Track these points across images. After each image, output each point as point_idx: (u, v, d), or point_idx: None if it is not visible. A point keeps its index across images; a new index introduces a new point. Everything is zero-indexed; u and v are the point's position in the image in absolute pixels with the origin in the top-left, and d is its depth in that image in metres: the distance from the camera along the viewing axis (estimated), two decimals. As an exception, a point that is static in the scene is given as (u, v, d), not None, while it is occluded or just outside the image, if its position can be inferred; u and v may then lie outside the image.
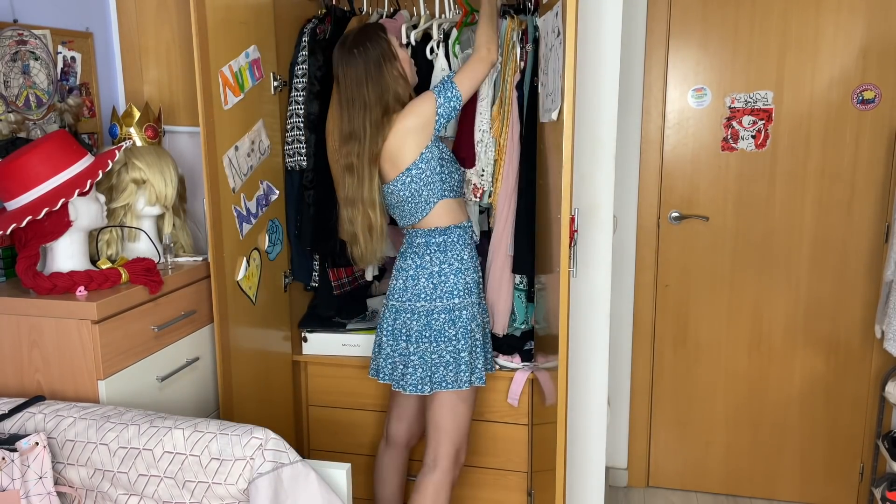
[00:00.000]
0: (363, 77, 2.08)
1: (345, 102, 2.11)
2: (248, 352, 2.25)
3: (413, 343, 2.14)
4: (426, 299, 2.14)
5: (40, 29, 2.10)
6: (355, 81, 2.08)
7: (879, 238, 2.77)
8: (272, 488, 1.48)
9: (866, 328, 2.83)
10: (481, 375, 2.17)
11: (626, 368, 3.07)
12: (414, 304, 2.15)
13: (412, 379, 2.13)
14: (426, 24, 2.40)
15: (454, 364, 2.12)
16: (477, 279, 2.22)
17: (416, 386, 2.13)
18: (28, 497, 1.50)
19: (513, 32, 2.26)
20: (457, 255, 2.16)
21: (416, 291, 2.15)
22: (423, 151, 2.08)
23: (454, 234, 2.16)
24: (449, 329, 2.13)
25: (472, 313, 2.16)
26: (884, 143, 2.71)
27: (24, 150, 1.81)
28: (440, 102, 2.08)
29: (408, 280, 2.16)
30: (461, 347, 2.13)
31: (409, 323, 2.16)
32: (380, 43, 2.10)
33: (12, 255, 1.97)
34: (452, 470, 2.18)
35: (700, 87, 2.85)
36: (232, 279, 2.13)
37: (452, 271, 2.15)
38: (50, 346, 1.81)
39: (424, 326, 2.14)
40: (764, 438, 3.00)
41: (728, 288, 2.94)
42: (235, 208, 2.13)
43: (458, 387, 2.12)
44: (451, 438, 2.16)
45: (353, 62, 2.09)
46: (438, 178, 2.11)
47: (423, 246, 2.16)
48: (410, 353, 2.15)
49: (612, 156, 2.29)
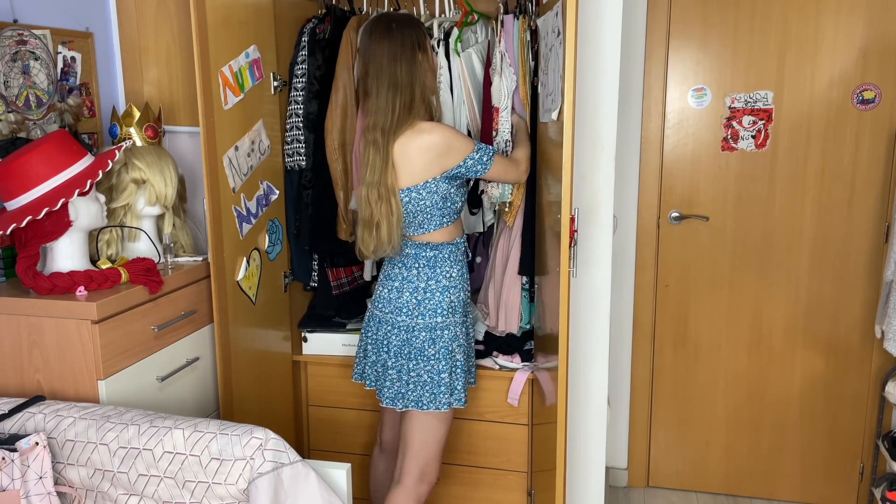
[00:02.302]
0: (398, 55, 1.96)
1: (372, 78, 1.97)
2: (248, 352, 2.25)
3: (392, 357, 2.09)
4: (408, 314, 2.07)
5: (40, 29, 2.10)
6: (389, 57, 1.96)
7: (879, 238, 2.77)
8: (272, 488, 1.48)
9: (866, 328, 2.82)
10: (461, 397, 2.10)
11: (626, 368, 3.07)
12: (395, 317, 2.09)
13: (388, 392, 2.10)
14: (426, 23, 2.39)
15: (431, 384, 2.06)
16: (464, 297, 2.15)
17: (392, 400, 2.09)
18: (28, 497, 1.50)
19: (525, 33, 2.25)
20: (445, 272, 2.08)
21: (399, 305, 2.08)
22: (427, 180, 1.98)
23: (445, 250, 2.09)
24: (429, 348, 2.06)
25: (454, 333, 2.09)
26: (884, 143, 2.71)
27: (24, 150, 1.81)
28: (473, 156, 1.99)
29: (392, 291, 2.10)
30: (441, 368, 2.06)
31: (389, 336, 2.11)
32: (420, 30, 2.03)
33: (12, 255, 1.97)
34: (417, 487, 2.10)
35: (700, 87, 2.85)
36: (232, 279, 2.13)
37: (439, 288, 2.07)
38: (50, 346, 1.81)
39: (404, 342, 2.08)
40: (764, 438, 3.00)
41: (728, 288, 2.94)
42: (235, 208, 2.13)
43: (435, 408, 2.06)
44: (417, 456, 2.10)
45: (390, 37, 1.96)
46: (438, 212, 2.03)
47: (411, 258, 2.09)
48: (389, 366, 2.10)
49: (612, 156, 2.29)
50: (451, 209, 2.06)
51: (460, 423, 2.46)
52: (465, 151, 1.99)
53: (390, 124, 1.96)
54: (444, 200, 2.02)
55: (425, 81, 2.02)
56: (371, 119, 1.99)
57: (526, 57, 2.25)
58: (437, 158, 1.97)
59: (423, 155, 1.96)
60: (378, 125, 1.97)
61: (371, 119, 1.99)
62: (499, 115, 2.25)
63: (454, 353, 2.09)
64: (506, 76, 2.23)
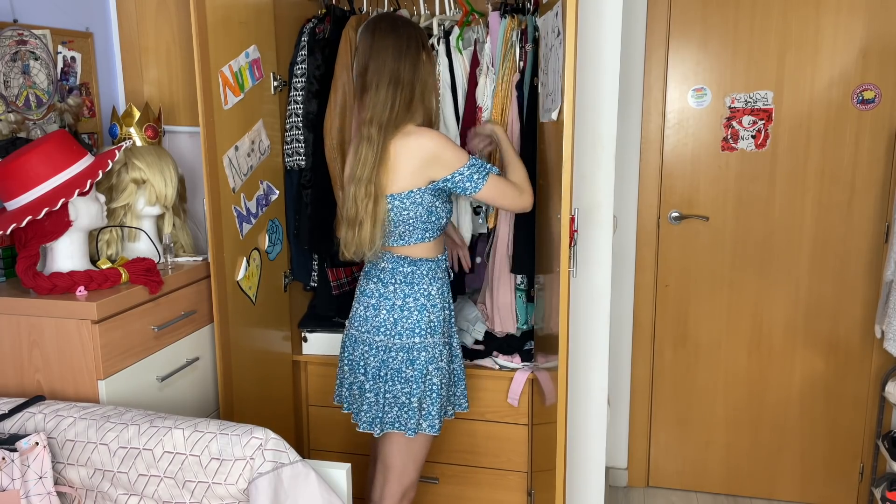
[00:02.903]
0: (403, 51, 1.90)
1: (373, 72, 1.90)
2: (248, 352, 2.25)
3: (370, 380, 2.02)
4: (385, 334, 1.99)
5: (40, 29, 2.10)
6: (394, 52, 1.89)
7: (879, 238, 2.77)
8: (272, 488, 1.48)
9: (866, 328, 2.82)
10: (434, 423, 1.99)
11: (626, 368, 3.07)
12: (373, 336, 2.01)
13: (366, 416, 2.03)
14: (426, 22, 2.40)
15: (406, 406, 1.99)
16: (445, 317, 2.05)
17: (369, 424, 2.02)
18: (28, 497, 1.50)
19: (512, 32, 2.26)
20: (423, 289, 2.00)
21: (376, 324, 2.01)
22: (412, 190, 1.91)
23: (424, 266, 2.00)
24: (406, 369, 1.99)
25: (431, 355, 2.00)
26: (884, 143, 2.71)
27: (24, 150, 1.81)
28: (462, 171, 1.91)
29: (368, 308, 2.02)
30: (413, 391, 1.98)
31: (366, 356, 2.03)
32: (423, 33, 2.00)
33: (12, 255, 1.97)
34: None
35: (700, 87, 2.85)
36: (232, 279, 2.13)
37: (417, 307, 1.99)
38: (50, 346, 1.81)
39: (381, 363, 2.01)
40: (764, 438, 3.00)
41: (728, 288, 2.94)
42: (235, 208, 2.13)
43: (406, 431, 2.00)
44: (399, 479, 2.06)
45: (396, 33, 1.90)
46: (422, 225, 1.96)
47: (388, 272, 2.00)
48: (366, 389, 2.02)
49: (612, 156, 2.29)
50: (434, 224, 1.98)
51: (460, 423, 2.46)
52: (455, 165, 1.91)
53: (387, 120, 1.89)
54: (429, 214, 1.95)
55: (426, 81, 1.96)
56: (368, 113, 1.91)
57: (508, 56, 2.25)
58: (423, 166, 1.90)
59: (410, 159, 1.90)
60: (374, 120, 1.90)
61: (368, 113, 1.91)
62: (481, 115, 2.25)
63: (430, 376, 2.00)
64: (488, 76, 2.24)
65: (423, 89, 1.95)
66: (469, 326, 2.48)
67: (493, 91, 2.26)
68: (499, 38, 2.25)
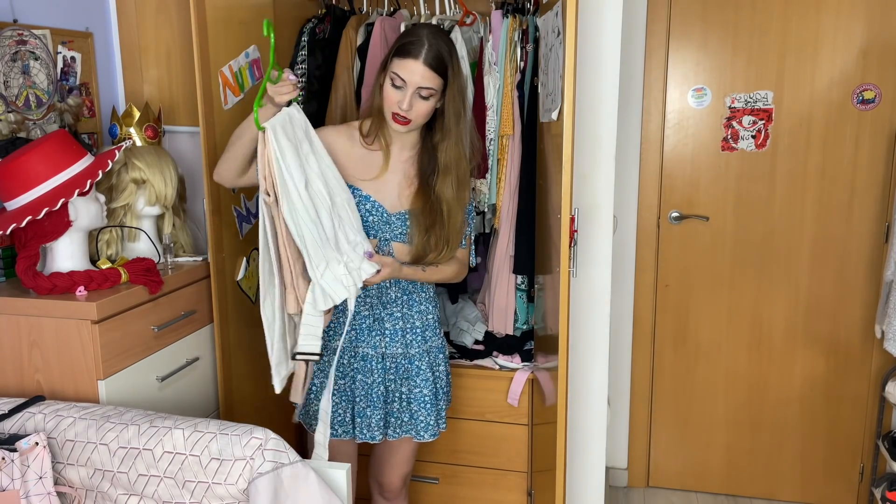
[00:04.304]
0: (465, 93, 1.94)
1: (453, 114, 1.87)
2: (248, 352, 2.25)
3: (418, 387, 2.03)
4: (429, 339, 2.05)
5: (40, 29, 2.10)
6: (462, 93, 1.90)
7: (879, 238, 2.77)
8: (272, 488, 1.48)
9: (866, 328, 2.82)
10: (348, 430, 2.03)
11: (626, 368, 3.07)
12: (408, 350, 2.01)
13: (423, 423, 2.03)
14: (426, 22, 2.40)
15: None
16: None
17: (429, 430, 2.04)
18: (28, 497, 1.50)
19: (514, 32, 2.25)
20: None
21: (409, 338, 2.02)
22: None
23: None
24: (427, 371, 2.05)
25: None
26: (884, 143, 2.71)
27: (24, 150, 1.81)
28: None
29: (427, 316, 2.03)
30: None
31: (409, 369, 2.02)
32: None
33: (12, 255, 1.97)
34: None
35: (700, 87, 2.85)
36: (232, 279, 2.13)
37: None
38: (50, 346, 1.81)
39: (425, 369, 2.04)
40: (764, 438, 3.00)
41: (728, 288, 2.94)
42: (235, 208, 2.13)
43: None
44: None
45: (461, 72, 1.89)
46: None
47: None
48: (413, 398, 2.02)
49: (612, 156, 2.29)
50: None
51: (460, 423, 2.46)
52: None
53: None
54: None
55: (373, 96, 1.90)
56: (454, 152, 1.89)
57: (513, 56, 2.25)
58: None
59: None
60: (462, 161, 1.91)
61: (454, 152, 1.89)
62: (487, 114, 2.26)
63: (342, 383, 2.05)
64: (492, 75, 2.24)
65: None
66: (469, 326, 2.48)
67: (499, 89, 2.26)
68: (501, 37, 2.25)
